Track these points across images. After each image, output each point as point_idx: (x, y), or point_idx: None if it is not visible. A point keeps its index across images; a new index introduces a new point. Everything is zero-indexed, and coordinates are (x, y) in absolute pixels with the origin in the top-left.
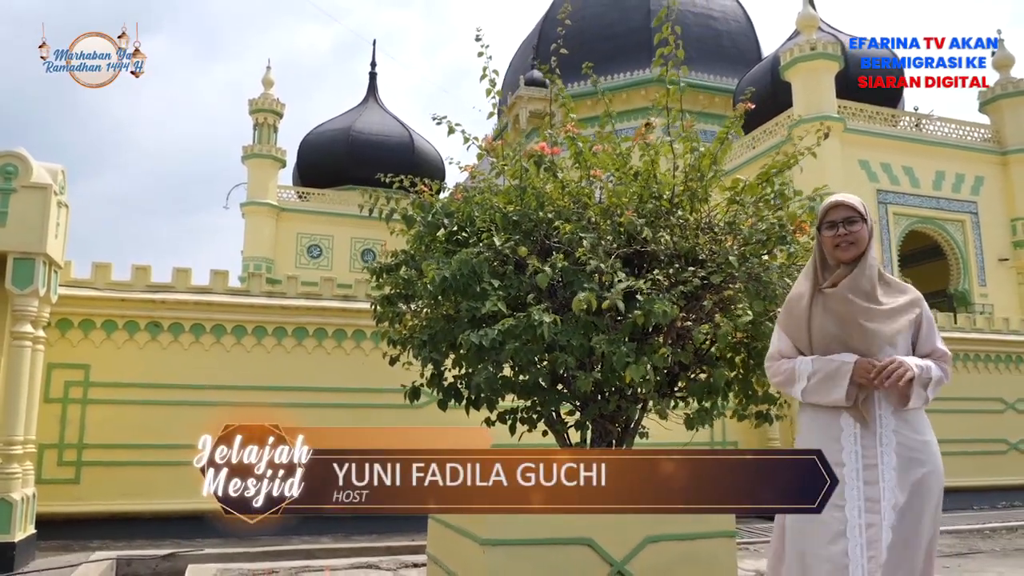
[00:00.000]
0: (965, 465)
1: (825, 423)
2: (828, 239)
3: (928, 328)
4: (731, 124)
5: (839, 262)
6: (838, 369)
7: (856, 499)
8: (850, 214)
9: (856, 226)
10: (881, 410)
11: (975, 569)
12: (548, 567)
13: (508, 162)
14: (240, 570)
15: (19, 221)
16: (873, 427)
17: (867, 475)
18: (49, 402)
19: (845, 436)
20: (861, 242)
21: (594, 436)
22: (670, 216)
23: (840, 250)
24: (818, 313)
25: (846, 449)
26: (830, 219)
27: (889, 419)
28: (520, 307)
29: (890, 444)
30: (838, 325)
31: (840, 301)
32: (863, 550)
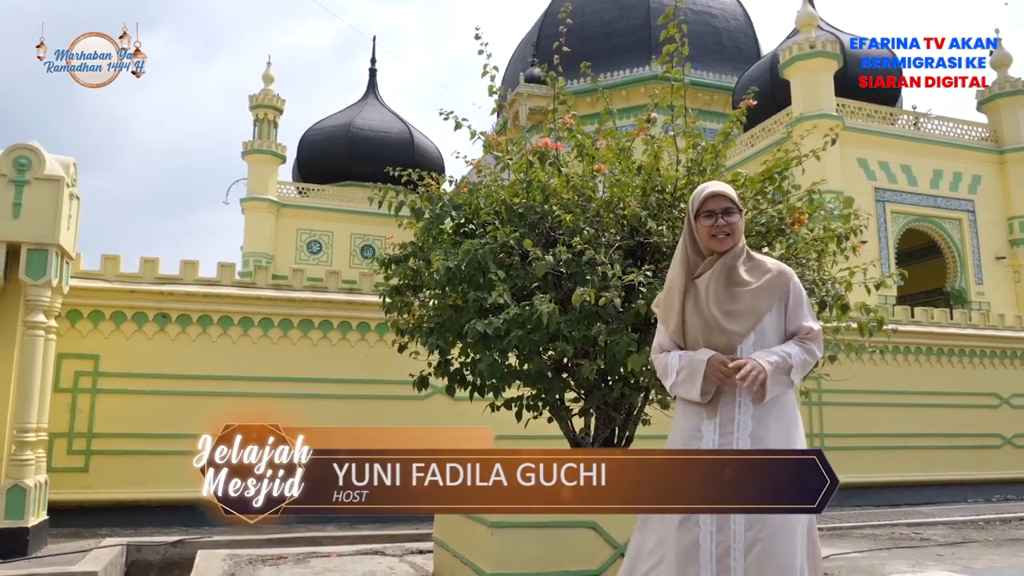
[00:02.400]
0: (960, 459)
1: (691, 416)
2: (705, 228)
3: (795, 305)
4: (735, 120)
5: (712, 251)
6: (697, 367)
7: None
8: (729, 205)
9: (734, 217)
10: (741, 397)
11: (968, 557)
12: (554, 549)
13: (512, 156)
14: (249, 556)
15: (32, 213)
16: (733, 413)
17: None
18: (59, 392)
19: (707, 425)
20: (737, 233)
21: (597, 423)
22: (672, 209)
23: (716, 240)
24: (690, 304)
25: (705, 437)
26: (708, 208)
27: (748, 405)
28: (525, 298)
29: (746, 429)
30: (701, 319)
31: (705, 292)
32: (712, 537)
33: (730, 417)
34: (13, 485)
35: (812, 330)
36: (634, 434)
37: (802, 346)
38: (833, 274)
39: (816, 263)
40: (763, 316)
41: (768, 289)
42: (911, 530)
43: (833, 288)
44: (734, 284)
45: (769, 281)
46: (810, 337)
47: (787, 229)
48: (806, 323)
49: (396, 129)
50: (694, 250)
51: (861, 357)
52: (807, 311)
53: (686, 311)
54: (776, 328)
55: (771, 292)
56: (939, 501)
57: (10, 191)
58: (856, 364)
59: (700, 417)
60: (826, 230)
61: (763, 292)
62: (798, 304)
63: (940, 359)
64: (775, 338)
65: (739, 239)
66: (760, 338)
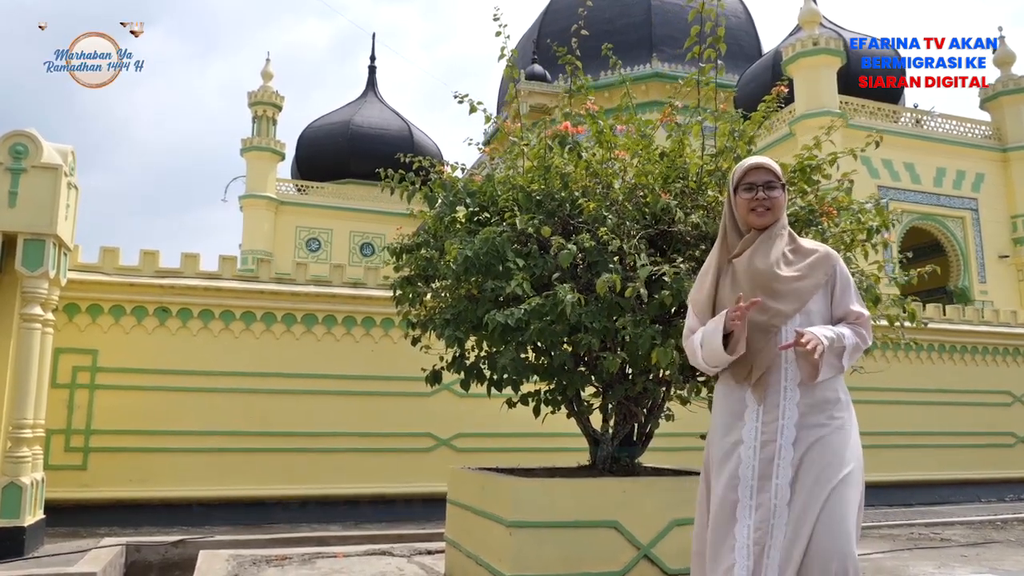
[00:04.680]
0: (973, 458)
1: (731, 398)
2: (744, 202)
3: (843, 289)
4: (769, 104)
5: (751, 227)
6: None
7: (750, 478)
8: (770, 178)
9: (776, 192)
10: (787, 382)
11: (993, 558)
12: (574, 549)
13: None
14: (253, 556)
15: (29, 202)
16: (776, 399)
17: (764, 453)
18: (56, 387)
19: (748, 412)
20: (778, 208)
21: (617, 419)
22: (697, 196)
23: (755, 215)
24: (725, 287)
25: (747, 425)
26: (749, 181)
27: (794, 391)
28: (543, 288)
29: (792, 417)
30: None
31: (744, 273)
32: (750, 531)
33: (774, 403)
34: (9, 483)
35: (862, 315)
36: (654, 430)
37: (854, 330)
38: (863, 267)
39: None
40: (808, 298)
41: (813, 270)
42: (929, 530)
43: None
44: (776, 264)
45: (814, 262)
46: (860, 322)
47: (817, 221)
48: (855, 307)
49: (395, 126)
50: (733, 228)
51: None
52: (855, 296)
53: (721, 292)
54: (822, 313)
55: (816, 274)
56: (953, 500)
57: (6, 179)
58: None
59: (742, 403)
60: (858, 222)
61: (809, 272)
62: (845, 288)
63: (952, 356)
64: (822, 320)
65: (780, 215)
66: (806, 321)
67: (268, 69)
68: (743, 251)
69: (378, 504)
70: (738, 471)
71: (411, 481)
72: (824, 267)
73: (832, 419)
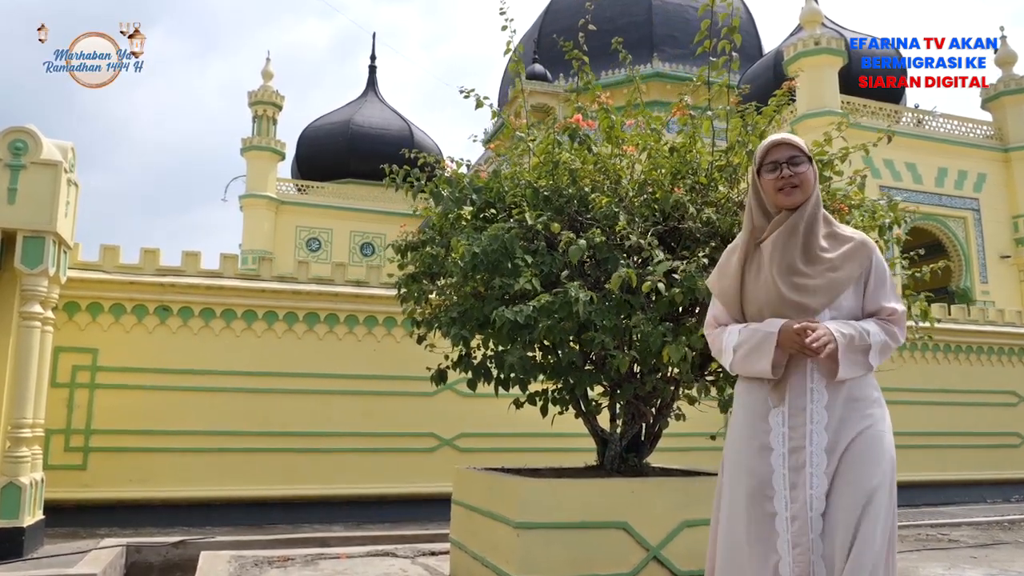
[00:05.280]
0: (978, 458)
1: (755, 399)
2: (769, 182)
3: (877, 282)
4: (780, 98)
5: (780, 208)
6: (763, 339)
7: (782, 488)
8: (794, 153)
9: (802, 167)
10: (813, 383)
11: (1004, 559)
12: (583, 551)
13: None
14: (255, 557)
15: (29, 198)
16: (802, 402)
17: (793, 460)
18: (56, 387)
19: (774, 415)
20: (807, 185)
21: (626, 418)
22: (708, 192)
23: (783, 195)
24: (751, 272)
25: (774, 431)
26: (772, 159)
27: (822, 393)
28: (551, 285)
29: (821, 422)
30: (765, 291)
31: (772, 257)
32: (789, 546)
33: (800, 406)
34: (8, 483)
35: (896, 311)
36: (663, 430)
37: (884, 326)
38: None
39: None
40: (841, 292)
41: (848, 260)
42: (937, 531)
43: None
44: (808, 249)
45: (849, 251)
46: (893, 319)
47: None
48: (889, 303)
49: (396, 126)
50: (760, 210)
51: None
52: (890, 290)
53: (746, 280)
54: (854, 306)
55: (851, 264)
56: (958, 501)
57: (5, 176)
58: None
59: (765, 405)
60: (872, 219)
61: (844, 262)
62: (880, 281)
63: (957, 356)
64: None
65: (811, 192)
66: (838, 315)
67: (268, 69)
68: (770, 234)
69: (381, 504)
70: (771, 481)
71: (414, 481)
72: (859, 258)
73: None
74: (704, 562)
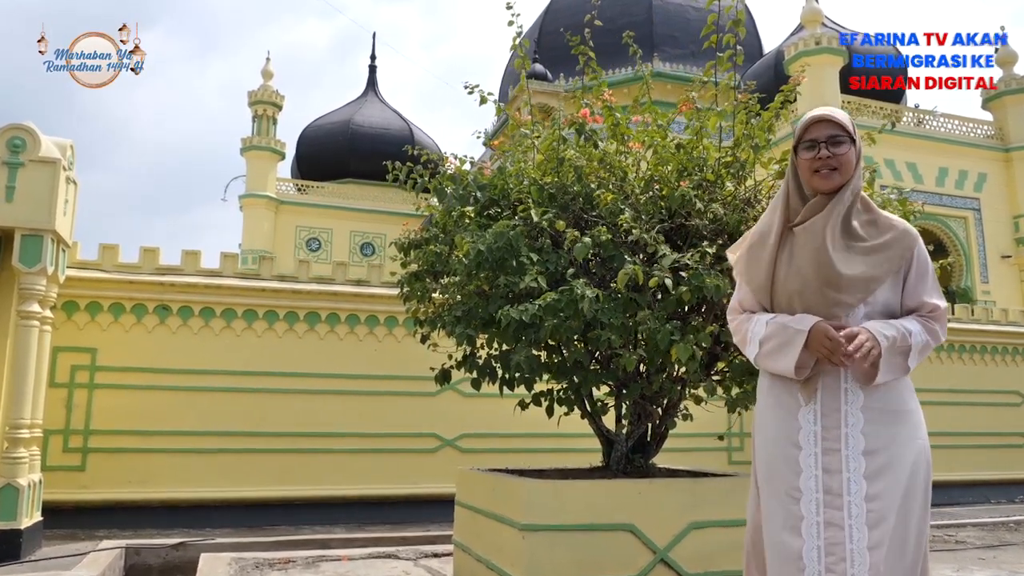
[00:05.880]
0: (981, 458)
1: (783, 394)
2: (806, 162)
3: (918, 276)
4: (786, 94)
5: (816, 192)
6: (792, 337)
7: (814, 491)
8: (836, 132)
9: (843, 148)
10: (847, 383)
11: (1012, 561)
12: (589, 553)
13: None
14: (255, 559)
15: (27, 196)
16: (836, 403)
17: (827, 461)
18: (55, 387)
19: (804, 413)
20: (847, 168)
21: (632, 418)
22: (714, 189)
23: (819, 177)
24: (784, 258)
25: (804, 429)
26: (810, 137)
27: (856, 394)
28: (556, 284)
29: (857, 425)
30: (801, 276)
31: (806, 245)
32: (820, 553)
33: (834, 407)
34: (6, 484)
35: (938, 308)
36: (669, 430)
37: (926, 325)
38: None
39: None
40: (878, 286)
41: (888, 250)
42: (943, 532)
43: None
44: (845, 238)
45: (891, 241)
46: (935, 316)
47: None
48: (930, 299)
49: (396, 126)
50: (796, 191)
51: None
52: (932, 284)
53: (778, 266)
54: (891, 302)
55: (892, 255)
56: (962, 501)
57: (3, 173)
58: None
59: (794, 403)
60: None
61: (883, 253)
62: (922, 275)
63: (960, 356)
64: (888, 312)
65: (852, 176)
66: (871, 311)
67: (268, 68)
68: (806, 219)
69: (382, 505)
70: (799, 483)
71: (416, 482)
72: (900, 248)
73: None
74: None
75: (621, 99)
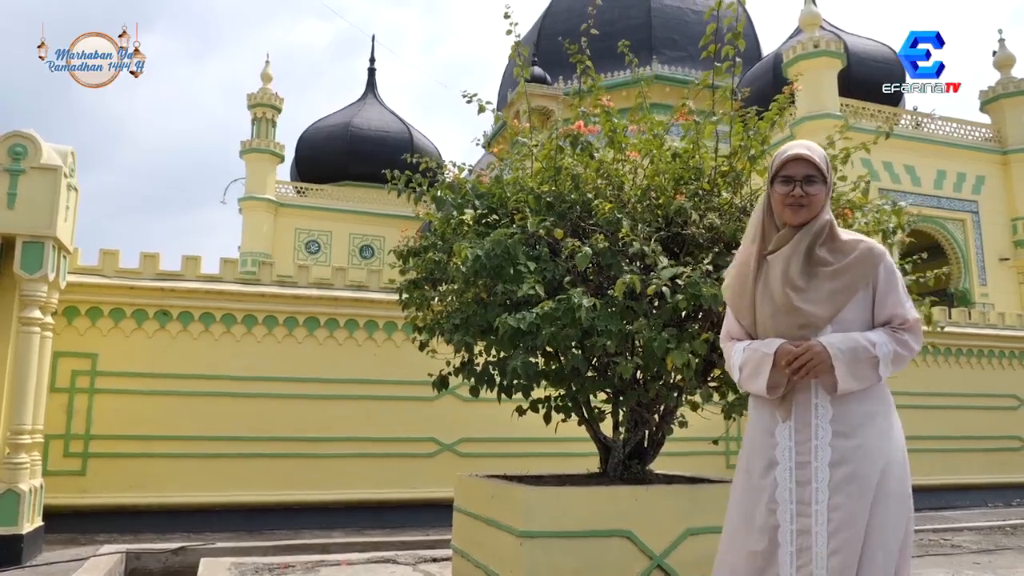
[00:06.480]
0: (978, 462)
1: (764, 414)
2: (780, 196)
3: (886, 290)
4: (782, 102)
5: (785, 224)
6: (761, 360)
7: (788, 501)
8: (811, 172)
9: (816, 187)
10: (817, 398)
11: (1006, 565)
12: (587, 560)
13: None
14: (255, 564)
15: (28, 203)
16: (808, 417)
17: (800, 474)
18: (55, 392)
19: (780, 429)
20: (816, 205)
21: (629, 425)
22: (711, 198)
23: (790, 211)
24: (760, 286)
25: (780, 444)
26: (787, 173)
27: (826, 407)
28: (554, 291)
29: (825, 437)
30: (772, 302)
31: (774, 273)
32: (792, 559)
33: (806, 421)
34: (7, 490)
35: (908, 319)
36: (666, 437)
37: (893, 336)
38: None
39: None
40: (845, 303)
41: (853, 269)
42: (939, 536)
43: None
44: (810, 265)
45: (854, 260)
46: (905, 327)
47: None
48: (900, 310)
49: (395, 129)
50: (770, 221)
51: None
52: (902, 297)
53: (757, 294)
54: (861, 317)
55: (857, 273)
56: (959, 505)
57: (5, 180)
58: None
59: (774, 419)
60: (876, 223)
61: (847, 273)
62: (890, 288)
63: (958, 360)
64: (859, 328)
65: (819, 212)
66: (840, 329)
67: (267, 71)
68: (777, 249)
69: (381, 510)
70: (775, 494)
71: (414, 487)
72: (865, 267)
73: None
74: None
75: (621, 102)
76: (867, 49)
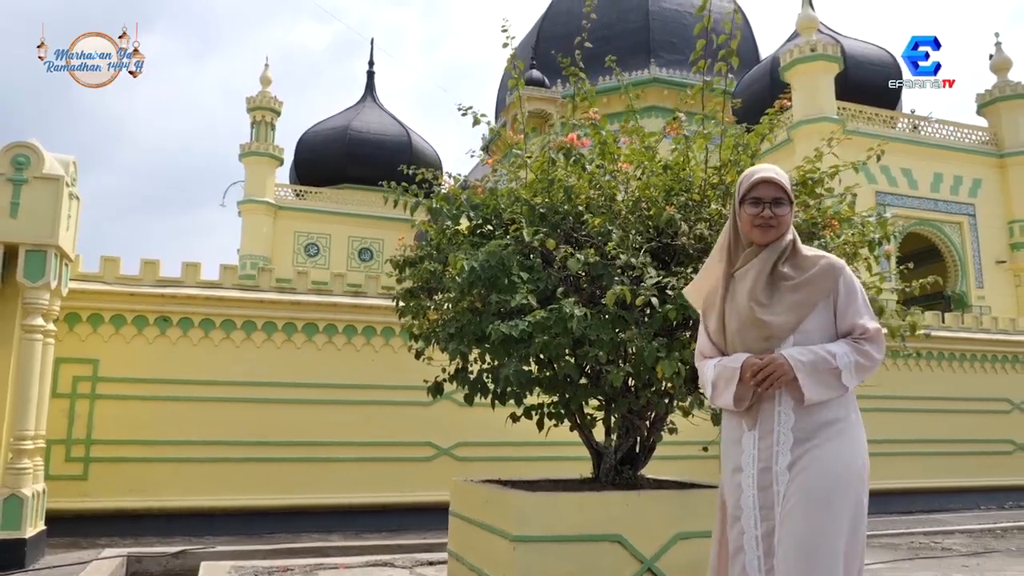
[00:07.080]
0: (971, 465)
1: (733, 425)
2: (748, 217)
3: (846, 302)
4: (772, 117)
5: (751, 243)
6: (730, 375)
7: (752, 507)
8: (779, 195)
9: (783, 208)
10: (780, 406)
11: (994, 568)
12: (578, 564)
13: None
14: (254, 568)
15: (31, 212)
16: (771, 425)
17: (761, 479)
18: (57, 397)
19: (747, 438)
20: (783, 225)
21: (621, 432)
22: (701, 209)
23: (759, 231)
24: (728, 302)
25: (746, 452)
26: (756, 195)
27: (789, 415)
28: (546, 301)
29: (786, 443)
30: (738, 317)
31: (740, 290)
32: (760, 562)
33: (768, 429)
34: (10, 495)
35: (868, 329)
36: (657, 443)
37: (853, 346)
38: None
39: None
40: (806, 314)
41: (813, 283)
42: (930, 539)
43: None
44: (773, 280)
45: (815, 275)
46: (865, 337)
47: (819, 234)
48: (861, 321)
49: (394, 132)
50: (736, 241)
51: None
52: (863, 308)
53: (725, 309)
54: (823, 328)
55: (816, 287)
56: (951, 508)
57: (8, 190)
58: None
59: (740, 429)
60: (861, 234)
61: (807, 287)
62: (850, 300)
63: (951, 364)
64: (821, 340)
65: (785, 232)
66: (803, 340)
67: (267, 74)
68: (742, 266)
69: (379, 514)
70: (740, 501)
71: (412, 490)
72: (824, 280)
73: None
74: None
75: (619, 106)
76: (864, 52)
